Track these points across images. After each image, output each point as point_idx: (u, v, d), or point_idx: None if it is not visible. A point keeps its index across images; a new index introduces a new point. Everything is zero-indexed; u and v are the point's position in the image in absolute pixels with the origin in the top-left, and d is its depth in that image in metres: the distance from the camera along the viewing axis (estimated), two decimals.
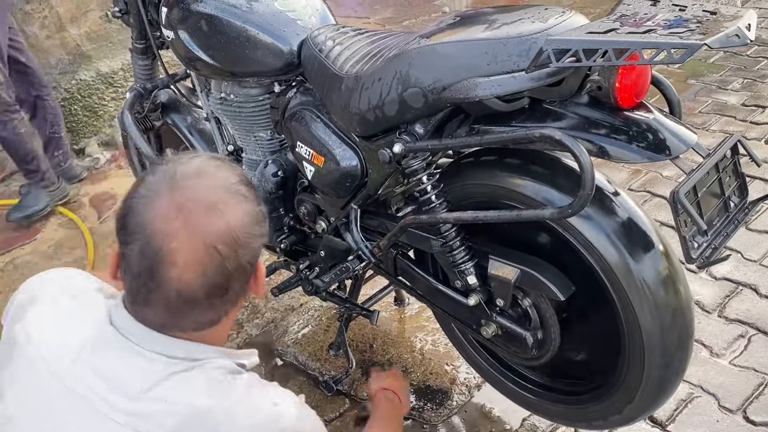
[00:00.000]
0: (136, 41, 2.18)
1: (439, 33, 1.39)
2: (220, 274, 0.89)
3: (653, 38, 1.04)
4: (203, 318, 0.93)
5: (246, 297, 0.99)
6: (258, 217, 0.95)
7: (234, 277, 0.91)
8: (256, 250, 0.95)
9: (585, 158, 1.15)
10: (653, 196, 2.71)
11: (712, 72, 3.73)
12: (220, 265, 0.89)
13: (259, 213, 0.96)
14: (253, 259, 0.95)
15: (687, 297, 1.35)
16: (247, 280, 0.96)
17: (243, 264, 0.92)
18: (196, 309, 0.91)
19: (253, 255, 0.94)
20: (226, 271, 0.90)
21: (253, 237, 0.93)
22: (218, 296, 0.91)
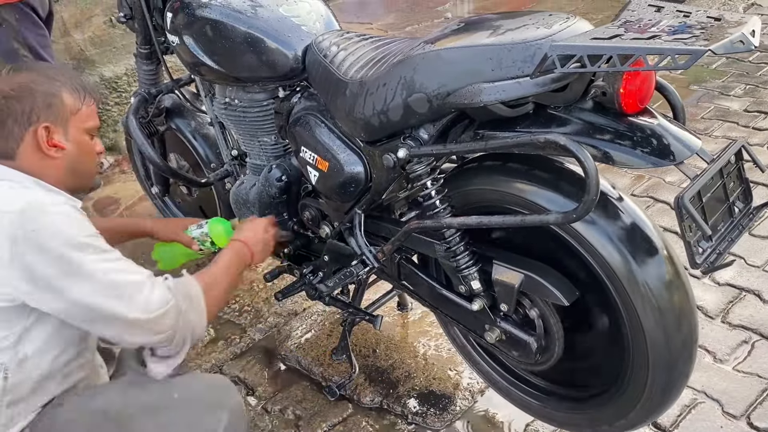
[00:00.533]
0: (140, 46, 2.19)
1: (443, 39, 1.39)
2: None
3: (658, 44, 1.05)
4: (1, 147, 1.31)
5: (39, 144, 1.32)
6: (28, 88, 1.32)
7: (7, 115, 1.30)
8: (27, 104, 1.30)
9: (590, 163, 1.16)
10: (656, 202, 2.72)
11: (714, 78, 3.73)
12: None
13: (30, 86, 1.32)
14: (26, 113, 1.30)
15: (691, 302, 1.35)
16: (25, 126, 1.31)
17: (13, 111, 1.30)
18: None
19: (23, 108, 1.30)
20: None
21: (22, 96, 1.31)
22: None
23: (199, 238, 1.80)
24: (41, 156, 1.33)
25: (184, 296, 1.34)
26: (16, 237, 1.19)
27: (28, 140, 1.32)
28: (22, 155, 1.32)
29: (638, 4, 1.23)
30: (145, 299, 1.27)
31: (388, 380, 2.03)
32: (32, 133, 1.31)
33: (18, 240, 1.19)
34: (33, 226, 1.20)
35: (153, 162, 2.16)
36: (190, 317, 1.34)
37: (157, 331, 1.30)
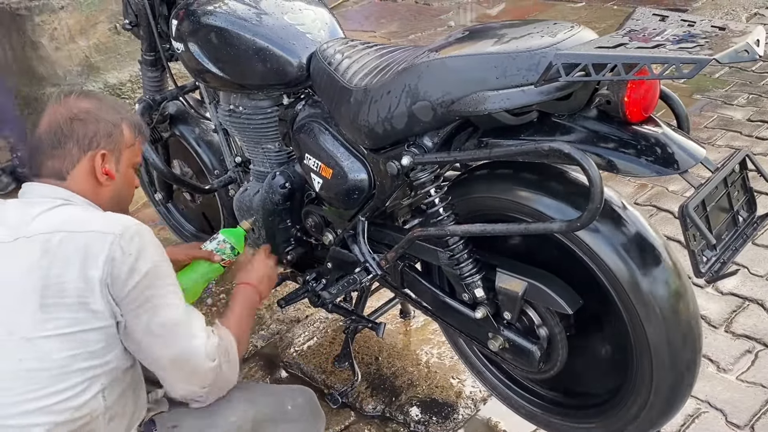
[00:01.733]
0: (145, 53, 2.20)
1: (448, 47, 1.40)
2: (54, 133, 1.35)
3: (662, 53, 1.05)
4: (53, 165, 1.34)
5: (93, 169, 1.35)
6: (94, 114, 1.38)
7: (68, 137, 1.34)
8: (90, 129, 1.35)
9: (594, 172, 1.16)
10: (659, 211, 2.71)
11: (717, 87, 3.74)
12: (56, 128, 1.35)
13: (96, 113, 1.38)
14: (89, 138, 1.35)
15: (695, 311, 1.35)
16: (85, 150, 1.34)
17: (76, 134, 1.34)
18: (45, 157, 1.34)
19: (86, 132, 1.35)
20: (60, 131, 1.34)
21: (87, 120, 1.36)
22: (55, 147, 1.34)
23: (217, 248, 1.76)
24: (93, 182, 1.36)
25: (223, 354, 1.36)
26: (114, 259, 1.21)
27: (84, 164, 1.35)
28: (75, 177, 1.34)
29: (642, 13, 1.23)
30: (204, 347, 1.31)
31: (390, 388, 2.02)
32: (90, 157, 1.35)
33: (116, 262, 1.21)
34: (130, 250, 1.23)
35: (157, 168, 2.17)
36: (227, 375, 1.38)
37: (201, 381, 1.34)
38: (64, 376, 1.20)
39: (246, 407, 1.43)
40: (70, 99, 1.38)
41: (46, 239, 1.21)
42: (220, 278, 2.48)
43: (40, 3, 3.23)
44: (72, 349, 1.20)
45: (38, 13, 3.28)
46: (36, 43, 3.33)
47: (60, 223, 1.24)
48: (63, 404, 1.20)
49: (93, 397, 1.23)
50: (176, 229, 2.62)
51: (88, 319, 1.21)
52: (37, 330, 1.19)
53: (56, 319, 1.19)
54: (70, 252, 1.20)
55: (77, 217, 1.27)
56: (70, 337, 1.20)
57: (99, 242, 1.21)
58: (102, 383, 1.25)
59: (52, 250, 1.20)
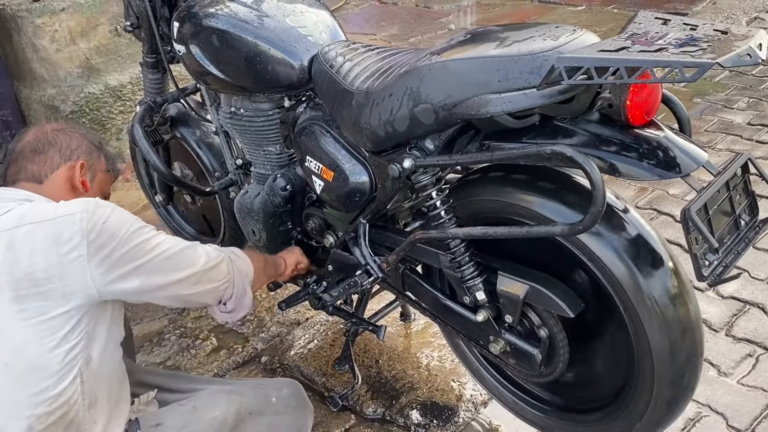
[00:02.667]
0: (147, 55, 2.20)
1: (450, 50, 1.40)
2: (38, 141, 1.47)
3: (665, 57, 1.05)
4: (32, 169, 1.43)
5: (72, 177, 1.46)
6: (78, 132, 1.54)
7: (52, 144, 1.46)
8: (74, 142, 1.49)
9: (596, 175, 1.16)
10: (660, 214, 2.71)
11: (717, 91, 3.74)
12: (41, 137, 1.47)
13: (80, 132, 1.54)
14: (71, 149, 1.48)
15: (696, 315, 1.35)
16: (65, 159, 1.46)
17: (59, 143, 1.46)
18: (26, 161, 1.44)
19: (69, 143, 1.48)
20: (45, 139, 1.47)
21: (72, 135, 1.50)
22: (37, 152, 1.45)
23: None
24: (69, 188, 1.45)
25: (229, 252, 1.53)
26: (89, 232, 1.25)
27: (62, 171, 1.45)
28: (52, 182, 1.43)
29: (645, 17, 1.24)
30: (206, 253, 1.44)
31: (390, 391, 2.02)
32: (69, 166, 1.46)
33: (92, 234, 1.25)
34: (101, 219, 1.27)
35: (158, 170, 2.17)
36: (239, 265, 1.53)
37: (219, 278, 1.46)
38: (41, 366, 1.23)
39: (229, 401, 1.46)
40: (59, 121, 1.54)
41: (11, 234, 1.24)
42: None
43: (40, 5, 3.23)
44: (46, 337, 1.23)
45: (39, 14, 3.28)
46: (37, 45, 3.33)
47: (22, 218, 1.27)
48: (42, 394, 1.23)
49: (71, 383, 1.26)
50: (176, 231, 2.62)
51: (59, 303, 1.24)
52: (10, 322, 1.22)
53: (30, 309, 1.22)
54: (39, 241, 1.23)
55: (39, 209, 1.30)
56: (45, 324, 1.23)
57: (68, 224, 1.25)
58: (79, 367, 1.27)
59: (18, 243, 1.23)
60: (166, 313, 2.43)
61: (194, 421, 1.43)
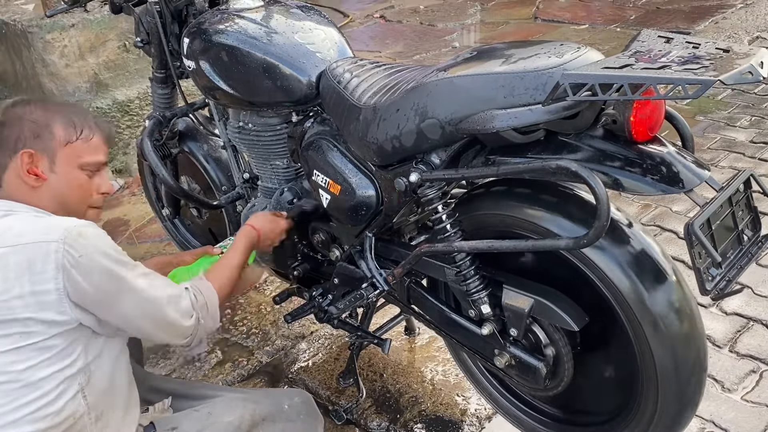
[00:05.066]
0: (156, 70, 2.23)
1: (456, 66, 1.42)
2: None
3: (668, 74, 1.07)
4: None
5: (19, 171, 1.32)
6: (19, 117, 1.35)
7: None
8: (14, 132, 1.32)
9: (600, 190, 1.17)
10: (663, 231, 2.73)
11: (720, 109, 3.76)
12: None
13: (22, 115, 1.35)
14: (12, 140, 1.32)
15: (700, 329, 1.35)
16: (11, 154, 1.31)
17: (3, 137, 1.32)
18: None
19: (10, 135, 1.32)
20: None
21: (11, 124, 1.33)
22: None
23: (222, 244, 1.85)
24: (22, 184, 1.32)
25: (202, 308, 1.43)
26: (65, 266, 1.20)
27: (12, 167, 1.32)
28: (7, 183, 1.33)
29: (648, 35, 1.26)
30: (176, 312, 1.37)
31: (395, 405, 2.03)
32: (14, 161, 1.32)
33: (67, 268, 1.20)
34: (78, 252, 1.22)
35: (166, 183, 2.19)
36: (207, 325, 1.46)
37: (182, 335, 1.41)
38: (33, 385, 1.22)
39: (243, 407, 1.46)
40: (1, 108, 1.37)
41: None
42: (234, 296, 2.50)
43: (50, 21, 3.28)
44: (31, 359, 1.21)
45: (49, 30, 3.33)
46: (46, 60, 3.38)
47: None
48: (41, 411, 1.22)
49: (72, 399, 1.25)
50: (183, 244, 2.64)
51: (42, 330, 1.21)
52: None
53: (12, 335, 1.20)
54: (11, 267, 1.19)
55: (15, 228, 1.23)
56: (27, 348, 1.21)
57: (43, 253, 1.19)
58: (79, 383, 1.26)
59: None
60: None
61: (210, 426, 1.43)
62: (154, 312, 1.34)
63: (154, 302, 1.33)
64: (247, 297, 2.56)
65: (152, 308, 1.33)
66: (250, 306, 2.51)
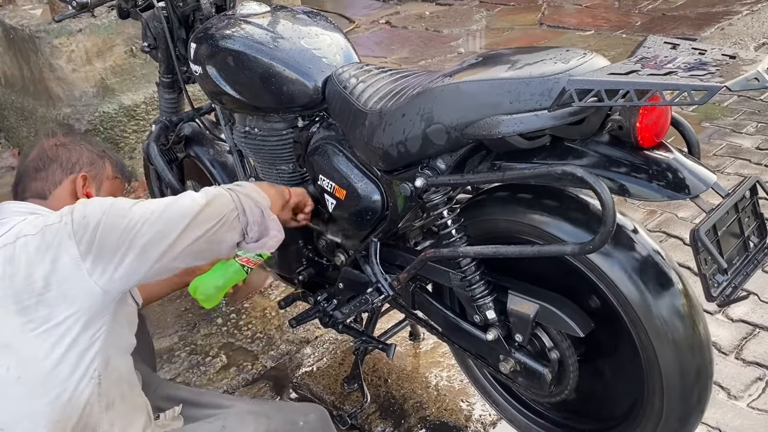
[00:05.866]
0: (163, 75, 2.24)
1: (462, 72, 1.42)
2: (40, 158, 1.49)
3: (674, 80, 1.07)
4: (36, 186, 1.45)
5: (75, 190, 1.47)
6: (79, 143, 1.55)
7: (53, 160, 1.48)
8: (74, 155, 1.50)
9: (606, 195, 1.17)
10: (669, 237, 2.72)
11: (726, 115, 3.76)
12: (42, 154, 1.49)
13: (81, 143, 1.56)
14: (72, 162, 1.49)
15: (706, 336, 1.35)
16: (67, 173, 1.47)
17: (60, 158, 1.48)
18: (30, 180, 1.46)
19: (70, 157, 1.49)
20: (45, 156, 1.49)
21: (73, 148, 1.52)
22: (39, 170, 1.47)
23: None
24: (72, 202, 1.38)
25: (230, 185, 1.45)
26: (75, 232, 1.25)
27: (66, 185, 1.47)
28: (56, 197, 1.45)
29: (654, 41, 1.26)
30: (196, 197, 1.36)
31: (399, 410, 2.02)
32: (72, 180, 1.47)
33: (78, 233, 1.26)
34: (82, 214, 1.27)
35: (172, 188, 2.20)
36: (243, 190, 1.43)
37: (222, 211, 1.36)
38: (54, 374, 1.24)
39: (257, 422, 1.44)
40: (59, 134, 1.55)
41: (9, 249, 1.26)
42: (231, 299, 2.50)
43: (58, 26, 3.30)
44: (55, 344, 1.24)
45: (56, 35, 3.35)
46: (53, 65, 3.40)
47: (20, 231, 1.28)
48: (58, 400, 1.25)
49: (87, 384, 1.27)
50: None
51: (63, 307, 1.24)
52: (18, 335, 1.23)
53: (35, 319, 1.23)
54: (32, 252, 1.25)
55: (35, 221, 1.30)
56: (52, 331, 1.24)
57: (55, 229, 1.26)
58: (96, 368, 1.28)
59: (15, 256, 1.25)
60: (176, 330, 2.44)
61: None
62: (176, 212, 1.31)
63: (170, 205, 1.32)
64: (252, 301, 2.56)
65: (172, 211, 1.31)
66: (255, 310, 2.51)
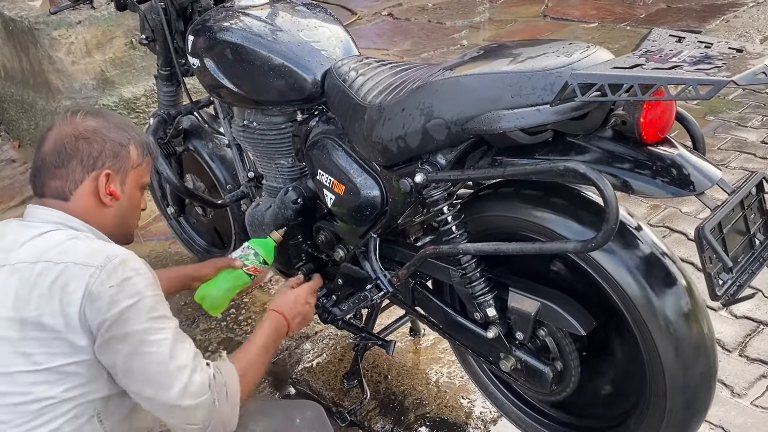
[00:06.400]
0: (161, 68, 2.22)
1: (463, 65, 1.40)
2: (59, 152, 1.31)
3: (679, 74, 1.04)
4: (56, 185, 1.30)
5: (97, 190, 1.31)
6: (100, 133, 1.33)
7: (72, 156, 1.30)
8: (95, 149, 1.32)
9: (609, 192, 1.15)
10: (672, 232, 2.69)
11: (730, 109, 3.72)
12: (61, 148, 1.31)
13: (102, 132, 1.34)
14: (93, 158, 1.31)
15: (710, 334, 1.33)
16: (89, 170, 1.31)
17: (80, 153, 1.31)
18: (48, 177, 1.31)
19: (91, 152, 1.31)
20: (64, 150, 1.31)
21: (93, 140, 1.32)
22: (58, 167, 1.30)
23: (241, 254, 1.76)
24: (96, 202, 1.32)
25: (219, 390, 1.28)
26: (92, 292, 1.16)
27: (87, 184, 1.31)
28: (78, 198, 1.31)
29: (659, 34, 1.23)
30: (184, 387, 1.21)
31: (399, 407, 2.01)
32: (93, 177, 1.31)
33: (93, 295, 1.16)
34: (111, 282, 1.17)
35: (170, 182, 2.18)
36: (224, 411, 1.29)
37: (190, 422, 1.25)
38: (51, 407, 1.18)
39: (254, 421, 1.42)
40: (76, 118, 1.34)
41: (28, 269, 1.18)
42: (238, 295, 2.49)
43: (57, 18, 3.27)
44: (54, 382, 1.18)
45: (56, 27, 3.33)
46: (53, 57, 3.38)
47: (43, 252, 1.19)
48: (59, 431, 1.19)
49: (87, 422, 1.22)
50: (188, 243, 2.63)
51: (68, 353, 1.17)
52: (16, 364, 1.17)
53: (36, 354, 1.17)
54: (48, 285, 1.16)
55: (62, 245, 1.20)
56: (52, 371, 1.17)
57: (78, 276, 1.16)
58: (95, 408, 1.22)
59: (32, 281, 1.17)
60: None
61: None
62: (161, 382, 1.20)
63: (165, 371, 1.20)
64: (251, 296, 2.55)
65: (159, 378, 1.20)
66: (255, 305, 2.49)
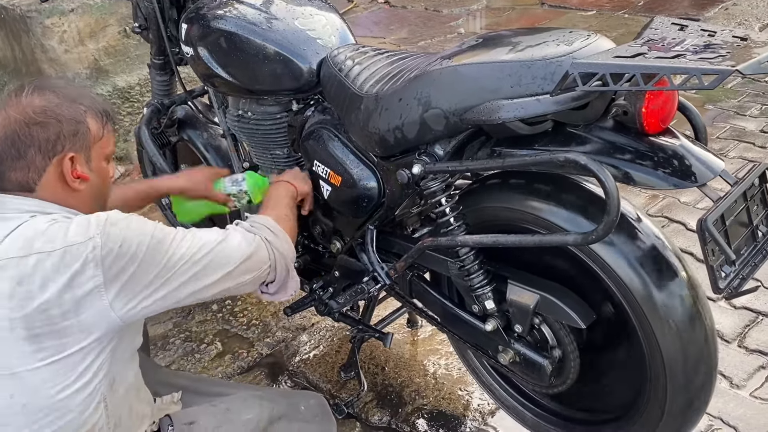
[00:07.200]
0: (155, 57, 2.19)
1: (461, 54, 1.37)
2: (13, 143, 1.21)
3: (682, 63, 1.02)
4: (17, 177, 1.21)
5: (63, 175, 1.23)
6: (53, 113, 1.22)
7: (29, 145, 1.20)
8: (52, 132, 1.21)
9: (610, 184, 1.13)
10: (671, 222, 2.68)
11: (729, 98, 3.70)
12: (15, 139, 1.20)
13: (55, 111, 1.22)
14: (52, 142, 1.21)
15: (711, 326, 1.32)
16: (50, 157, 1.21)
17: (36, 140, 1.20)
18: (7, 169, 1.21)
19: (48, 136, 1.20)
20: (18, 140, 1.20)
21: (47, 122, 1.21)
22: (15, 158, 1.21)
23: (236, 194, 1.79)
24: (64, 188, 1.24)
25: (261, 230, 1.39)
26: (104, 258, 1.14)
27: (51, 171, 1.22)
28: (44, 187, 1.22)
29: (661, 22, 1.21)
30: (239, 245, 1.32)
31: (396, 399, 2.00)
32: (57, 163, 1.22)
33: (108, 260, 1.15)
34: (116, 242, 1.15)
35: (164, 173, 2.15)
36: (278, 244, 1.40)
37: (259, 266, 1.35)
38: (62, 404, 1.17)
39: (261, 406, 1.44)
40: (22, 99, 1.22)
41: (20, 264, 1.12)
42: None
43: (49, 6, 3.23)
44: (65, 374, 1.16)
45: (48, 15, 3.28)
46: (45, 46, 3.33)
47: (30, 243, 1.14)
48: (65, 429, 1.18)
49: (94, 410, 1.21)
50: None
51: (78, 339, 1.15)
52: (24, 364, 1.14)
53: (47, 348, 1.14)
54: (49, 273, 1.12)
55: (47, 233, 1.15)
56: (61, 363, 1.15)
57: (79, 253, 1.13)
58: (102, 393, 1.22)
59: (28, 275, 1.12)
60: (170, 316, 2.41)
61: (227, 422, 1.40)
62: (219, 258, 1.27)
63: (215, 249, 1.27)
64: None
65: (215, 256, 1.26)
66: (251, 297, 2.48)
